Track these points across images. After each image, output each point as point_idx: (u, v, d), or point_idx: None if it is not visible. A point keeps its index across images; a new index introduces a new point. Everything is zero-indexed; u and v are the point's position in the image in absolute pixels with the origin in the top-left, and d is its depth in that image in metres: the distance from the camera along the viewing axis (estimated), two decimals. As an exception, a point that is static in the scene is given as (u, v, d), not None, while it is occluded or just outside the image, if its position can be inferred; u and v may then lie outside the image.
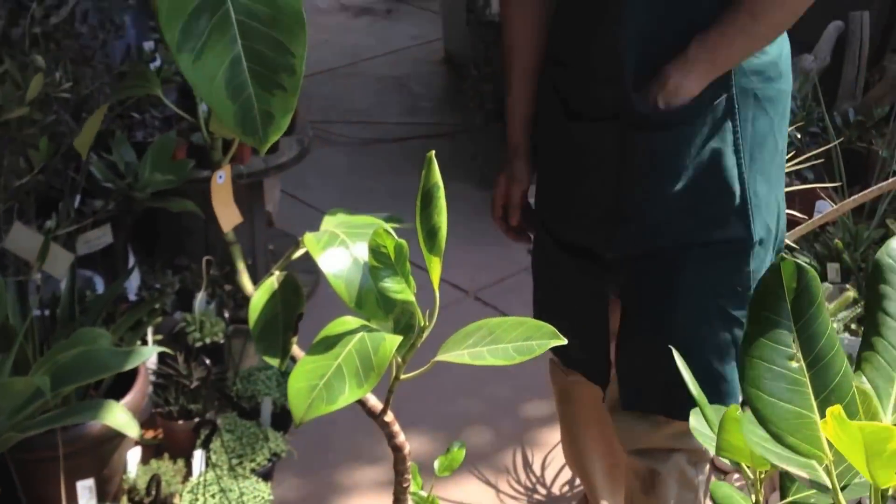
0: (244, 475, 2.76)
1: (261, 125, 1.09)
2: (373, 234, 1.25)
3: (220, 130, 1.44)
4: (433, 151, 1.26)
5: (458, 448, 2.10)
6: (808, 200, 3.34)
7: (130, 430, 2.24)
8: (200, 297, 3.14)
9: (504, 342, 1.29)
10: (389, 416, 1.47)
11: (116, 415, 2.24)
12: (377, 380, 1.24)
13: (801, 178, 3.38)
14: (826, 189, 3.41)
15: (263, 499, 2.71)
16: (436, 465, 2.10)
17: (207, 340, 3.06)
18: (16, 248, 2.55)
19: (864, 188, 2.92)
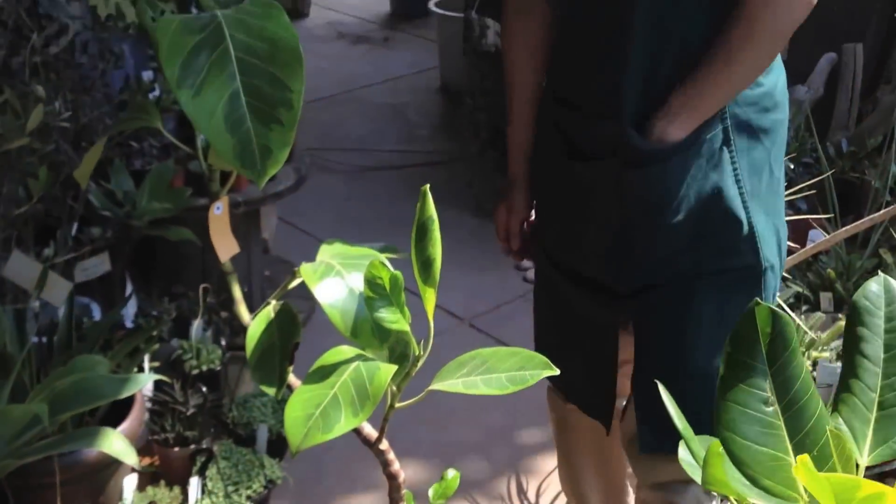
0: (240, 502, 2.77)
1: (259, 159, 1.11)
2: (368, 266, 1.26)
3: (219, 163, 1.46)
4: (428, 185, 1.28)
5: (453, 476, 2.11)
6: (802, 230, 3.36)
7: (128, 458, 2.25)
8: (197, 325, 3.15)
9: (498, 372, 1.30)
10: (384, 444, 1.48)
11: (113, 442, 2.25)
12: (373, 408, 1.25)
13: (794, 208, 3.40)
14: (819, 219, 3.43)
15: (259, 526, 2.71)
16: (430, 493, 2.10)
17: (204, 368, 3.07)
18: (14, 277, 2.56)
19: (857, 218, 2.94)
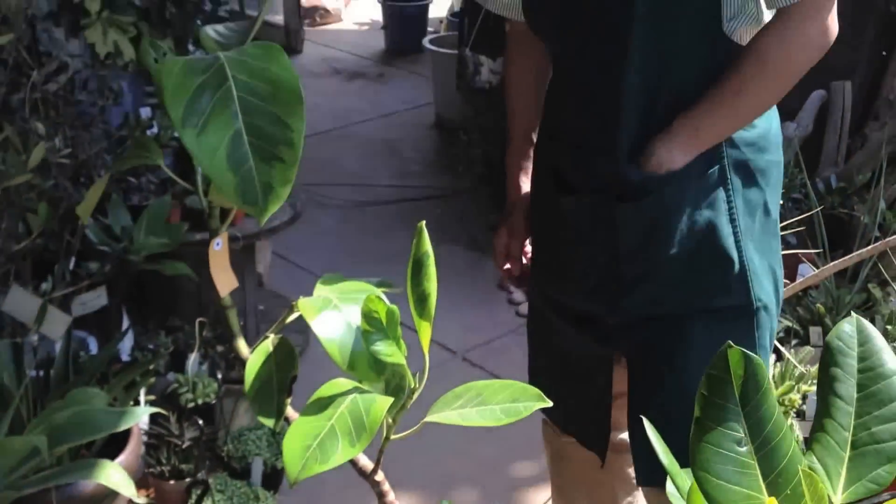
0: (235, 535, 2.78)
1: (261, 196, 1.14)
2: (365, 300, 1.29)
3: (219, 199, 1.49)
4: (424, 222, 1.31)
5: (447, 508, 2.13)
6: (791, 265, 3.39)
7: (125, 490, 2.27)
8: (193, 358, 3.17)
9: (492, 404, 1.32)
10: (380, 476, 1.50)
11: (111, 474, 2.27)
12: (369, 440, 1.27)
13: (784, 243, 3.42)
14: (808, 254, 3.46)
15: (253, 559, 2.73)
16: (425, 525, 2.12)
17: (199, 401, 3.09)
18: (14, 311, 2.59)
19: (846, 253, 2.97)
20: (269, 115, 1.14)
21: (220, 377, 3.24)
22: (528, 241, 2.18)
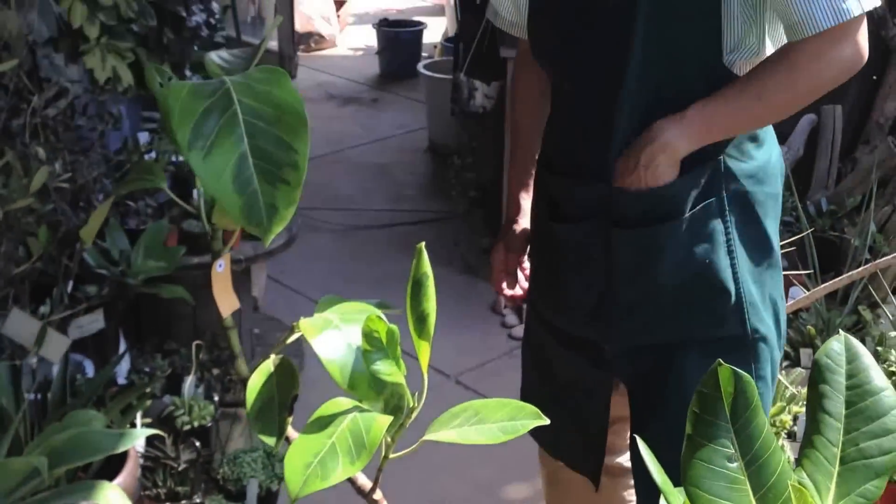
0: (231, 557, 2.79)
1: (265, 217, 1.17)
2: (366, 320, 1.31)
3: (223, 221, 1.51)
4: (423, 243, 1.33)
5: (443, 529, 2.14)
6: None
7: (123, 511, 2.28)
8: (189, 381, 3.19)
9: (490, 422, 1.34)
10: (378, 495, 1.52)
11: (109, 495, 2.28)
12: (369, 458, 1.29)
13: (776, 266, 3.46)
14: (800, 276, 3.49)
15: (250, 580, 2.73)
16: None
17: (195, 424, 3.10)
18: (14, 334, 2.61)
19: (837, 276, 2.99)
20: (274, 138, 1.17)
21: (217, 400, 3.26)
22: (527, 259, 2.18)
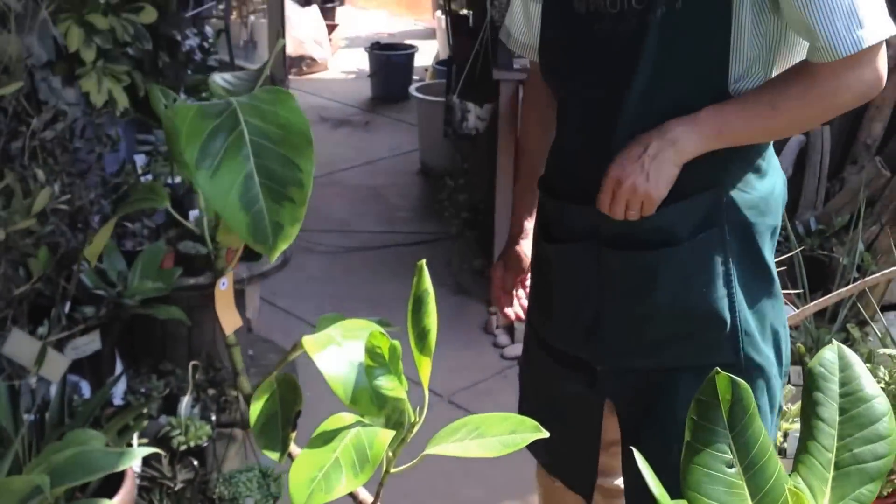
0: (228, 576, 2.80)
1: (271, 234, 1.20)
2: (369, 336, 1.34)
3: (227, 240, 1.54)
4: (424, 260, 1.36)
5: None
6: (773, 306, 3.44)
7: (123, 529, 2.29)
8: (185, 402, 3.20)
9: (491, 436, 1.37)
10: (379, 509, 1.54)
11: (109, 514, 2.29)
12: (373, 471, 1.31)
13: (766, 285, 3.49)
14: (789, 294, 3.52)
15: None
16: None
17: (192, 444, 3.12)
18: (14, 355, 2.63)
19: (826, 294, 3.03)
20: (280, 157, 1.20)
21: (213, 420, 3.27)
22: (528, 278, 2.20)
